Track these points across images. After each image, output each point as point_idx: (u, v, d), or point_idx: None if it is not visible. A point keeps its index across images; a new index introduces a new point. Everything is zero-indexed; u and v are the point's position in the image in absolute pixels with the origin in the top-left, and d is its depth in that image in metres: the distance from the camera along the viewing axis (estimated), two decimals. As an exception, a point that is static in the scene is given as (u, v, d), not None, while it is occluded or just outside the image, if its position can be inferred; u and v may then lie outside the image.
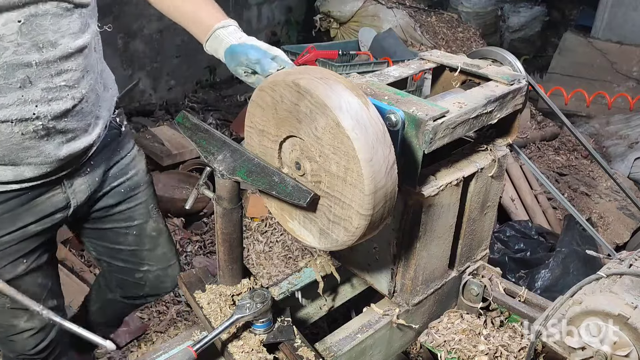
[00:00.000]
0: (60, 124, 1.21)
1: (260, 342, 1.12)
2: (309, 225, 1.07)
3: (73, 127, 1.25)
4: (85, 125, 1.29)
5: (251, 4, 5.77)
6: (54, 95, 1.17)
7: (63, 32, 1.15)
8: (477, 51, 1.41)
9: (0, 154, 1.18)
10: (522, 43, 7.17)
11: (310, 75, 0.94)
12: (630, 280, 0.98)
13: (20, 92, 1.12)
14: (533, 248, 2.66)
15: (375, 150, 0.90)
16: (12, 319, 1.41)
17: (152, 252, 1.62)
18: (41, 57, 1.12)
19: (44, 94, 1.15)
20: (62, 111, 1.20)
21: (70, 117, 1.23)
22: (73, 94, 1.21)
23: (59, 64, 1.16)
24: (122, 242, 1.58)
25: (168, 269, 1.67)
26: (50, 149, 1.23)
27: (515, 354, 1.23)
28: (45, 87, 1.15)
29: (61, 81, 1.17)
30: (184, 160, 3.46)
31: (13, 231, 1.31)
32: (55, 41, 1.13)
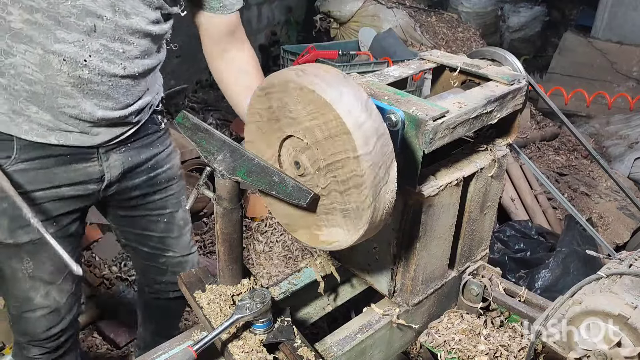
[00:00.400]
0: (103, 86, 1.30)
1: (260, 342, 1.12)
2: None
3: (114, 95, 1.34)
4: (126, 100, 1.38)
5: (251, 4, 5.77)
6: (109, 56, 1.27)
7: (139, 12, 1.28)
8: (477, 51, 1.41)
9: (42, 91, 1.26)
10: (522, 43, 7.18)
11: (309, 73, 0.94)
12: (630, 280, 0.98)
13: (83, 35, 1.23)
14: (533, 248, 2.66)
15: (375, 149, 0.90)
16: (30, 290, 1.43)
17: (177, 239, 1.73)
18: (113, 17, 1.24)
19: (101, 49, 1.25)
20: (110, 74, 1.29)
21: (114, 83, 1.32)
22: (126, 64, 1.31)
23: (124, 32, 1.27)
24: (153, 229, 1.67)
25: (188, 255, 1.79)
26: (87, 106, 1.30)
27: (515, 354, 1.23)
28: (104, 44, 1.25)
29: (120, 48, 1.28)
30: (184, 160, 3.46)
31: (47, 188, 1.36)
32: (128, 13, 1.26)
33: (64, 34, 1.21)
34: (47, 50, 1.22)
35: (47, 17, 1.19)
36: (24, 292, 1.44)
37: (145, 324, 2.01)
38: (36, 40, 1.21)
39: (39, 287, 1.43)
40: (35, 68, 1.24)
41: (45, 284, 1.44)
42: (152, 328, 1.99)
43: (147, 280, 1.84)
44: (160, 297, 1.86)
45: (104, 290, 2.71)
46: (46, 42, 1.21)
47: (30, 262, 1.40)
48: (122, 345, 2.42)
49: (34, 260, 1.41)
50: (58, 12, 1.19)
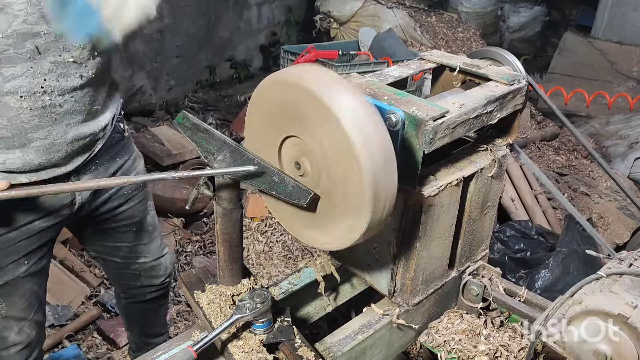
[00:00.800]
0: (68, 103, 1.24)
1: (260, 342, 1.12)
2: None
3: (80, 108, 1.28)
4: (92, 111, 1.32)
5: (251, 4, 5.77)
6: (62, 71, 1.20)
7: None
8: (477, 51, 1.41)
9: (9, 133, 1.20)
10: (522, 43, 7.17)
11: (310, 75, 0.95)
12: (630, 280, 0.98)
13: (29, 62, 1.15)
14: (533, 248, 2.66)
15: (375, 150, 0.90)
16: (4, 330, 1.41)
17: (148, 245, 1.71)
18: (49, 29, 1.14)
19: (52, 67, 1.18)
20: (70, 88, 1.23)
21: (77, 96, 1.25)
22: (81, 72, 1.24)
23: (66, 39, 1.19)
24: (123, 239, 1.64)
25: (161, 258, 1.78)
26: (58, 130, 1.25)
27: (515, 354, 1.23)
28: (53, 61, 1.18)
29: (69, 57, 1.20)
30: (184, 160, 3.46)
31: (20, 226, 1.32)
32: None
33: (11, 70, 1.13)
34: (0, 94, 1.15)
35: None
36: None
37: (131, 327, 2.01)
38: None
39: (12, 325, 1.42)
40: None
41: (18, 321, 1.42)
42: (137, 330, 2.00)
43: (122, 286, 1.83)
44: (137, 300, 1.85)
45: (104, 290, 2.71)
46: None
47: (3, 303, 1.37)
48: (122, 345, 2.42)
49: (8, 302, 1.38)
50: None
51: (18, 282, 1.37)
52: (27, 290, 1.41)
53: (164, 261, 1.79)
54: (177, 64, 5.10)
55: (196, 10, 5.18)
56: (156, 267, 1.77)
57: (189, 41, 5.20)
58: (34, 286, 1.43)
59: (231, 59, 5.63)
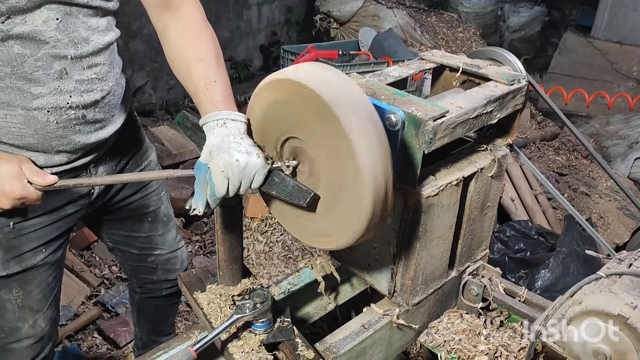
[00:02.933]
0: (90, 114, 1.29)
1: (260, 342, 1.12)
2: None
3: (101, 117, 1.32)
4: (111, 116, 1.37)
5: (251, 4, 5.77)
6: (86, 87, 1.25)
7: (94, 29, 1.24)
8: (477, 51, 1.41)
9: (35, 141, 1.25)
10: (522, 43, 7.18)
11: (310, 74, 0.95)
12: (630, 280, 0.98)
13: (57, 82, 1.20)
14: (533, 248, 2.66)
15: (375, 150, 0.90)
16: (19, 321, 1.41)
17: (163, 236, 1.72)
18: (76, 52, 1.21)
19: (77, 85, 1.23)
20: (93, 101, 1.28)
21: (99, 107, 1.30)
22: (102, 86, 1.29)
23: (90, 58, 1.24)
24: (138, 229, 1.66)
25: (177, 251, 1.77)
26: (80, 138, 1.30)
27: (515, 354, 1.24)
28: (78, 79, 1.23)
29: (92, 74, 1.26)
30: (184, 160, 3.46)
31: (40, 215, 1.35)
32: (87, 37, 1.22)
33: (39, 89, 1.19)
34: (28, 109, 1.20)
35: (17, 79, 1.16)
36: (12, 322, 1.41)
37: (141, 324, 2.01)
38: (14, 104, 1.19)
39: (27, 317, 1.42)
40: (22, 126, 1.22)
41: (33, 312, 1.42)
42: (148, 327, 2.00)
43: (139, 280, 1.83)
44: (153, 295, 1.86)
45: (104, 290, 2.71)
46: (25, 103, 1.19)
47: (20, 291, 1.38)
48: (122, 345, 2.42)
49: (24, 290, 1.39)
50: (24, 71, 1.16)
51: (36, 271, 1.38)
52: (44, 280, 1.42)
53: (180, 254, 1.79)
54: (177, 64, 5.09)
55: (196, 10, 5.17)
56: (172, 260, 1.77)
57: (189, 41, 5.18)
58: (49, 277, 1.44)
59: (231, 59, 5.63)
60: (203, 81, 1.21)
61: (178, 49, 1.28)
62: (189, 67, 1.24)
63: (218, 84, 1.21)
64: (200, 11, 1.32)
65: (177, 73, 1.29)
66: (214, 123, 1.10)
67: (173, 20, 1.29)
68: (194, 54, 1.25)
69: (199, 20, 1.30)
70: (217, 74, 1.24)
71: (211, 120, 1.11)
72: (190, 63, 1.24)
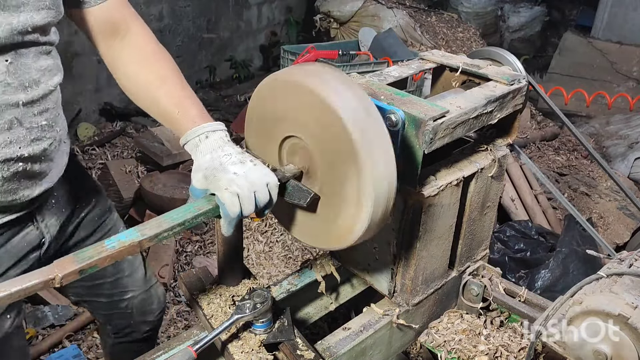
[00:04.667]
0: (37, 165, 1.15)
1: (260, 342, 1.12)
2: None
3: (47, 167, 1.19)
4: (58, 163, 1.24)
5: (251, 4, 5.77)
6: (37, 135, 1.12)
7: (43, 70, 1.11)
8: (477, 51, 1.41)
9: None
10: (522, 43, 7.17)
11: (310, 74, 0.94)
12: (631, 280, 0.98)
13: (7, 133, 1.07)
14: (533, 248, 2.66)
15: (376, 150, 0.90)
16: None
17: (131, 277, 1.56)
18: (27, 96, 1.08)
19: (27, 134, 1.10)
20: (41, 151, 1.14)
21: (47, 156, 1.17)
22: (52, 133, 1.17)
23: (41, 102, 1.12)
24: (101, 275, 1.50)
25: (151, 289, 1.62)
26: (26, 192, 1.17)
27: (515, 354, 1.23)
28: (29, 127, 1.10)
29: (42, 120, 1.13)
30: (184, 160, 3.46)
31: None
32: (38, 80, 1.10)
33: None
34: None
35: None
36: None
37: None
38: None
39: None
40: None
41: None
42: None
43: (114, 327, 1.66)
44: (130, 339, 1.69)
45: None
46: None
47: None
48: (122, 345, 2.42)
49: None
50: None
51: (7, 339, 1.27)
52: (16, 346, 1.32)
53: (155, 292, 1.63)
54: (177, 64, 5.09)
55: (196, 10, 5.19)
56: (147, 300, 1.61)
57: (189, 41, 5.20)
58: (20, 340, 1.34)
59: (231, 59, 5.63)
60: (173, 100, 1.15)
61: (136, 74, 1.20)
62: (153, 90, 1.17)
63: (188, 99, 1.16)
64: (149, 32, 1.25)
65: (140, 100, 1.21)
66: (196, 140, 1.07)
67: (124, 46, 1.21)
68: (156, 76, 1.18)
69: (150, 40, 1.24)
70: (184, 90, 1.18)
71: (192, 137, 1.07)
72: (153, 86, 1.17)
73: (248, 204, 0.97)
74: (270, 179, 0.99)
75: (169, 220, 0.94)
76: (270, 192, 0.99)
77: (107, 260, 0.89)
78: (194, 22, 5.19)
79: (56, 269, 0.86)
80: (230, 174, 0.98)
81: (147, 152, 3.50)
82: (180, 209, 0.97)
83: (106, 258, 0.89)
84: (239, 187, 0.97)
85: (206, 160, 1.03)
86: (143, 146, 3.56)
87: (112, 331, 1.67)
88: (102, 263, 0.89)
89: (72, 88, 4.23)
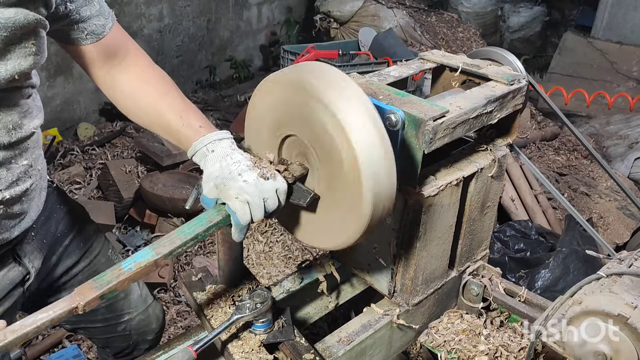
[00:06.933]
0: (16, 207, 1.12)
1: (260, 342, 1.12)
2: None
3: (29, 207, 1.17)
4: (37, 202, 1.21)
5: (251, 4, 5.77)
6: (18, 177, 1.09)
7: (25, 112, 1.09)
8: (477, 51, 1.41)
9: None
10: (522, 43, 7.17)
11: (310, 74, 0.94)
12: (630, 280, 0.98)
13: None
14: (533, 248, 2.66)
15: (375, 149, 0.90)
16: None
17: (126, 299, 1.53)
18: (10, 139, 1.05)
19: (8, 176, 1.07)
20: (22, 192, 1.11)
21: (27, 197, 1.15)
22: (32, 172, 1.14)
23: (23, 144, 1.09)
24: None
25: (148, 308, 1.59)
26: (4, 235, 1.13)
27: (515, 354, 1.23)
28: (8, 168, 1.07)
29: (24, 161, 1.10)
30: (184, 160, 3.46)
31: None
32: (21, 123, 1.07)
33: None
34: None
35: None
36: None
37: None
38: None
39: None
40: None
41: None
42: None
43: (113, 349, 1.62)
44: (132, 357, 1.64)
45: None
46: None
47: None
48: (122, 345, 2.42)
49: None
50: None
51: None
52: None
53: (153, 311, 1.59)
54: (177, 64, 5.10)
55: (196, 10, 5.19)
56: (146, 321, 1.57)
57: (189, 41, 5.20)
58: None
59: (231, 59, 5.63)
60: (176, 113, 1.15)
61: (136, 94, 1.20)
62: (155, 106, 1.18)
63: (191, 111, 1.16)
64: (145, 54, 1.25)
65: (141, 117, 1.21)
66: (204, 150, 1.08)
67: (122, 70, 1.20)
68: (157, 92, 1.19)
69: (148, 62, 1.24)
70: (185, 103, 1.18)
71: (200, 147, 1.08)
72: (155, 101, 1.18)
73: (258, 212, 0.99)
74: (280, 185, 1.00)
75: (181, 236, 0.96)
76: (279, 197, 1.00)
77: (126, 282, 0.90)
78: (194, 22, 5.20)
79: (78, 297, 0.87)
80: (240, 182, 0.99)
81: (147, 152, 3.50)
82: (191, 223, 0.98)
83: (125, 281, 0.90)
84: (249, 195, 0.98)
85: (215, 169, 1.04)
86: (143, 146, 3.56)
87: (111, 353, 1.65)
88: (121, 286, 0.90)
89: (72, 88, 4.24)
